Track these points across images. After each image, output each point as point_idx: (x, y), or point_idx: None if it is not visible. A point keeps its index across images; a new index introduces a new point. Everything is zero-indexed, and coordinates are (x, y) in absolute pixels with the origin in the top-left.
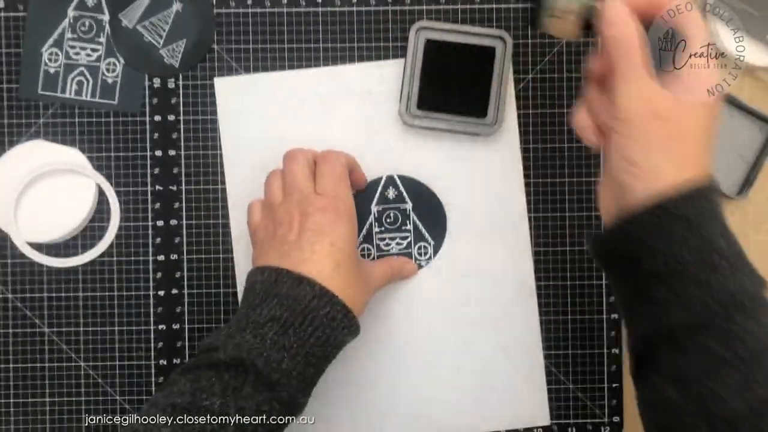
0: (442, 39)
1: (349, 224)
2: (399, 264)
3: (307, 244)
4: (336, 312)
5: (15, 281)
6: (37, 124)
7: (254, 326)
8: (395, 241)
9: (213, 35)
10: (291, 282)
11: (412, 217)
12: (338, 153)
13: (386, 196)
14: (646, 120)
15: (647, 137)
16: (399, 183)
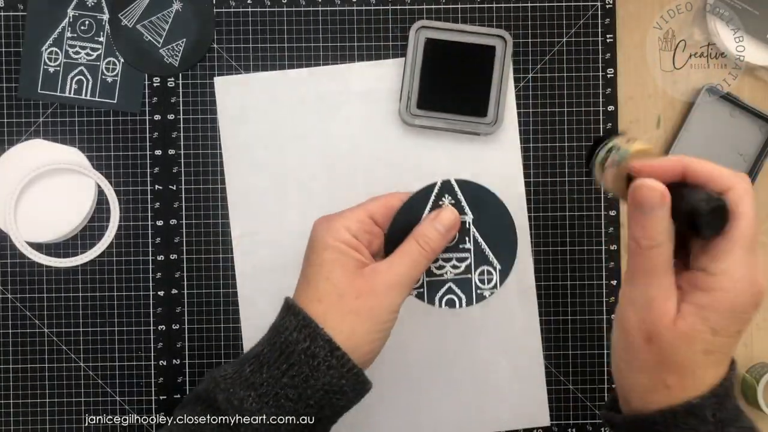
0: (442, 38)
1: None
2: (428, 233)
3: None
4: (317, 348)
5: (15, 281)
6: (36, 124)
7: (243, 359)
8: (450, 263)
9: (213, 34)
10: (282, 310)
11: (473, 233)
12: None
13: (440, 206)
14: (638, 340)
15: (637, 357)
16: (457, 189)
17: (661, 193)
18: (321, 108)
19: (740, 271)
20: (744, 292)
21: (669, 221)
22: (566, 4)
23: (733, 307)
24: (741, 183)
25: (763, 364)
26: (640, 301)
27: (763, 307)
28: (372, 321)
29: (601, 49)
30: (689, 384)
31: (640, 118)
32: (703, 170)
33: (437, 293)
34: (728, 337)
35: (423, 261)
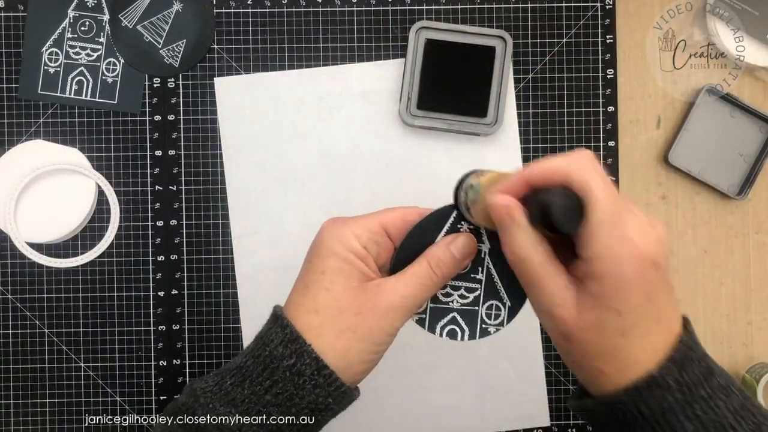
0: (443, 39)
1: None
2: (442, 257)
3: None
4: (304, 366)
5: (15, 281)
6: (36, 124)
7: (224, 370)
8: (459, 292)
9: (213, 35)
10: (269, 320)
11: (487, 264)
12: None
13: (458, 230)
14: (559, 341)
15: (565, 356)
16: None
17: (504, 206)
18: (321, 108)
19: (611, 250)
20: (625, 267)
21: (528, 231)
22: (566, 4)
23: (622, 285)
24: (577, 163)
25: (763, 364)
26: (542, 308)
27: (764, 307)
28: (368, 341)
29: (601, 50)
30: (622, 366)
31: (640, 118)
32: (541, 171)
33: (440, 321)
34: (637, 310)
35: (431, 285)
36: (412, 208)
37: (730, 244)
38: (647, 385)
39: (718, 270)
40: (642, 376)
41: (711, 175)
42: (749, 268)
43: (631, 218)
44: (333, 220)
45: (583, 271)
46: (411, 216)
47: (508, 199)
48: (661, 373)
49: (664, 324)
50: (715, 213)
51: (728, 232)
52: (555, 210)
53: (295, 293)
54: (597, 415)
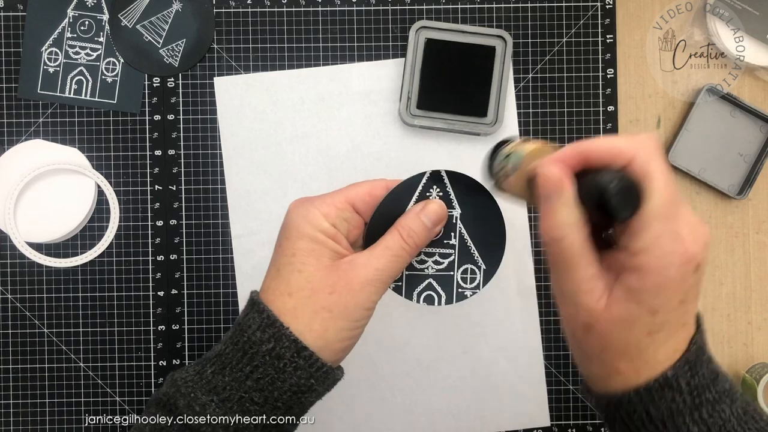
0: (442, 38)
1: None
2: (413, 226)
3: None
4: (283, 349)
5: (15, 281)
6: (36, 124)
7: (204, 359)
8: (433, 258)
9: (212, 35)
10: (246, 306)
11: (460, 229)
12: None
13: (428, 197)
14: (578, 331)
15: (582, 348)
16: (447, 181)
17: (555, 178)
18: (321, 108)
19: (662, 245)
20: (671, 265)
21: (573, 209)
22: (566, 4)
23: (664, 283)
24: (643, 148)
25: (763, 364)
26: (566, 293)
27: (764, 307)
28: (346, 318)
29: (601, 49)
30: (641, 366)
31: (640, 118)
32: (601, 149)
33: (416, 288)
34: (670, 311)
35: (405, 256)
36: (379, 180)
37: (730, 243)
38: (660, 386)
39: (719, 270)
40: (656, 376)
41: (711, 174)
42: (749, 268)
43: (685, 215)
44: (299, 200)
45: (623, 261)
46: (378, 190)
47: (559, 170)
48: (675, 374)
49: (688, 328)
50: (715, 213)
51: (728, 231)
52: (613, 194)
53: (268, 278)
54: (600, 410)
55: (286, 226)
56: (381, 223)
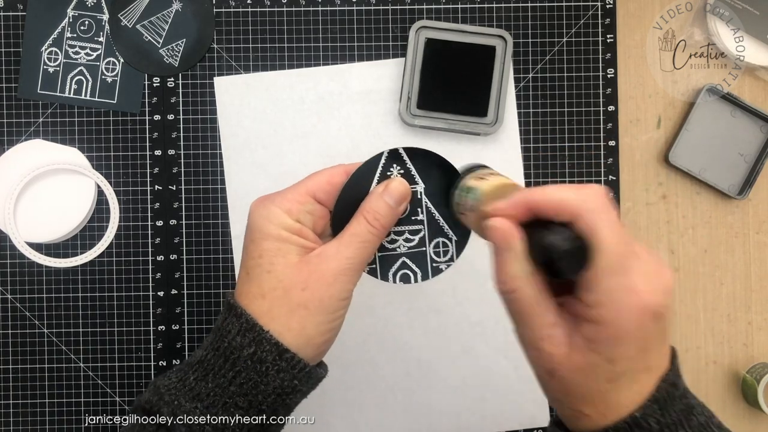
0: (442, 38)
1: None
2: (378, 208)
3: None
4: (264, 353)
5: (15, 281)
6: (36, 124)
7: (186, 365)
8: (403, 236)
9: (212, 34)
10: (223, 311)
11: (426, 204)
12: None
13: (389, 176)
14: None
15: (547, 391)
16: (406, 158)
17: (505, 233)
18: (321, 108)
19: (615, 299)
20: (626, 318)
21: (523, 263)
22: (566, 4)
23: (620, 335)
24: (589, 203)
25: (764, 365)
26: (527, 341)
27: (764, 307)
28: (323, 312)
29: (601, 49)
30: (605, 410)
31: (640, 118)
32: (548, 202)
33: (390, 269)
34: (630, 360)
35: (374, 240)
36: (337, 167)
37: (730, 243)
38: (628, 426)
39: (719, 270)
40: (623, 417)
41: (711, 174)
42: (749, 268)
43: (638, 265)
44: (259, 199)
45: (580, 312)
46: (338, 177)
47: (509, 225)
48: (644, 414)
49: (654, 372)
50: (715, 213)
51: (728, 231)
52: (558, 255)
53: (240, 282)
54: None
55: (249, 228)
56: (346, 208)
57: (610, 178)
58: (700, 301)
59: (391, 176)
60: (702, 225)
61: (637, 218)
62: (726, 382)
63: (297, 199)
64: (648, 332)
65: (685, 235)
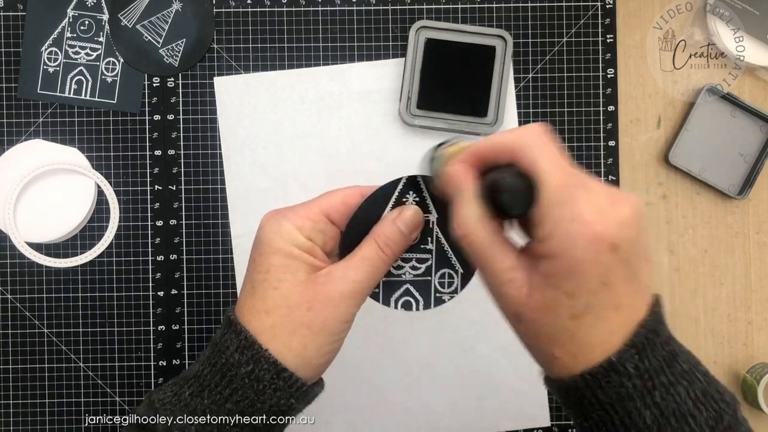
0: (442, 38)
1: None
2: (390, 234)
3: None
4: (262, 371)
5: (15, 281)
6: (36, 124)
7: (182, 378)
8: (410, 264)
9: (212, 34)
10: (223, 326)
11: (436, 234)
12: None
13: (403, 203)
14: (511, 322)
15: (519, 338)
16: (423, 187)
17: (457, 177)
18: (321, 108)
19: (561, 229)
20: (576, 248)
21: (475, 206)
22: (566, 4)
23: (573, 266)
24: (525, 140)
25: (764, 364)
26: (490, 287)
27: (764, 307)
28: (325, 334)
29: (601, 49)
30: (576, 351)
31: (640, 118)
32: (488, 148)
33: (393, 294)
34: (591, 294)
35: (383, 265)
36: (353, 188)
37: (730, 243)
38: (604, 371)
39: (719, 270)
40: (599, 361)
41: (711, 174)
42: (749, 268)
43: (586, 196)
44: (272, 213)
45: (536, 249)
46: (353, 198)
47: (460, 169)
48: (620, 359)
49: (625, 310)
50: (715, 213)
51: (728, 231)
52: (502, 192)
53: (243, 294)
54: (557, 396)
55: (259, 241)
56: (357, 231)
57: (610, 178)
58: (700, 301)
59: (406, 203)
60: (702, 225)
61: None
62: (726, 382)
63: (310, 217)
64: (606, 264)
65: (685, 235)
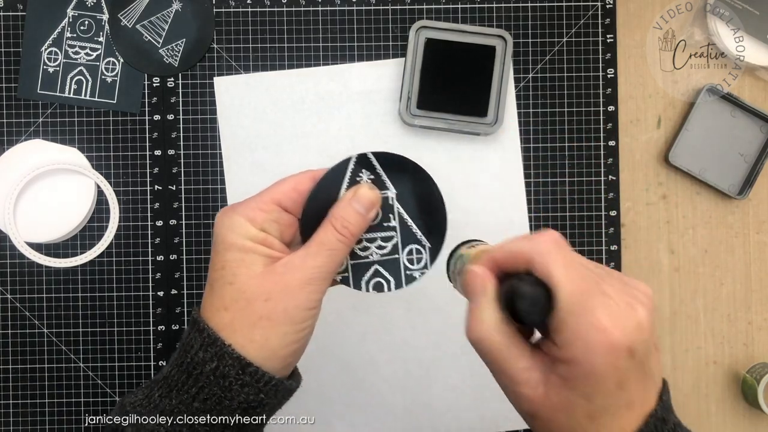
0: (442, 38)
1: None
2: (346, 215)
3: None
4: (227, 367)
5: (15, 281)
6: (36, 124)
7: (153, 381)
8: (375, 243)
9: (212, 34)
10: (188, 325)
11: (398, 210)
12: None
13: (358, 182)
14: (525, 417)
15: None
16: (376, 163)
17: (479, 278)
18: (321, 108)
19: (582, 338)
20: (595, 355)
21: (494, 310)
22: (566, 4)
23: (593, 372)
24: (539, 249)
25: (764, 364)
26: (505, 386)
27: (764, 307)
28: (287, 323)
29: (601, 49)
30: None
31: (640, 118)
32: (504, 256)
33: (363, 277)
34: (608, 397)
35: (342, 248)
36: (304, 173)
37: (730, 243)
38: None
39: (719, 270)
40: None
41: (711, 174)
42: (750, 268)
43: (604, 303)
44: (224, 210)
45: (554, 353)
46: (304, 184)
47: (483, 270)
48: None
49: (636, 406)
50: (715, 213)
51: (729, 231)
52: (519, 300)
53: (205, 294)
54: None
55: (214, 239)
56: (315, 216)
57: (610, 178)
58: (700, 301)
59: (361, 182)
60: (702, 225)
61: (637, 218)
62: (726, 382)
63: (261, 208)
64: (622, 368)
65: (685, 235)
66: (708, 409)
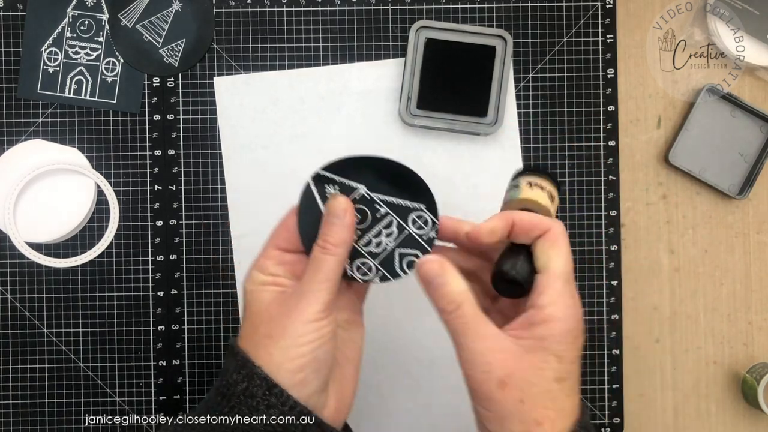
0: (442, 38)
1: None
2: (324, 230)
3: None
4: (255, 387)
5: (15, 281)
6: (36, 124)
7: (199, 407)
8: (383, 235)
9: (212, 34)
10: (226, 353)
11: (378, 198)
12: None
13: (327, 198)
14: (493, 390)
15: (499, 407)
16: (331, 175)
17: (434, 262)
18: (321, 108)
19: (565, 300)
20: (572, 318)
21: (461, 279)
22: (566, 4)
23: (568, 331)
24: (557, 226)
25: (764, 364)
26: (477, 355)
27: (764, 307)
28: (286, 337)
29: (601, 49)
30: (556, 415)
31: (640, 118)
32: (523, 221)
33: (394, 265)
34: (571, 363)
35: (329, 258)
36: (289, 213)
37: (730, 243)
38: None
39: (719, 270)
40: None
41: (711, 174)
42: (750, 268)
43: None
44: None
45: (531, 317)
46: (290, 221)
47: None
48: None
49: (577, 396)
50: (715, 213)
51: (729, 231)
52: (505, 276)
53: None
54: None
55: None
56: (312, 240)
57: (610, 178)
58: (700, 301)
59: (330, 195)
60: (702, 225)
61: (637, 218)
62: (726, 382)
63: (266, 256)
64: (581, 342)
65: (685, 235)
66: (708, 409)
